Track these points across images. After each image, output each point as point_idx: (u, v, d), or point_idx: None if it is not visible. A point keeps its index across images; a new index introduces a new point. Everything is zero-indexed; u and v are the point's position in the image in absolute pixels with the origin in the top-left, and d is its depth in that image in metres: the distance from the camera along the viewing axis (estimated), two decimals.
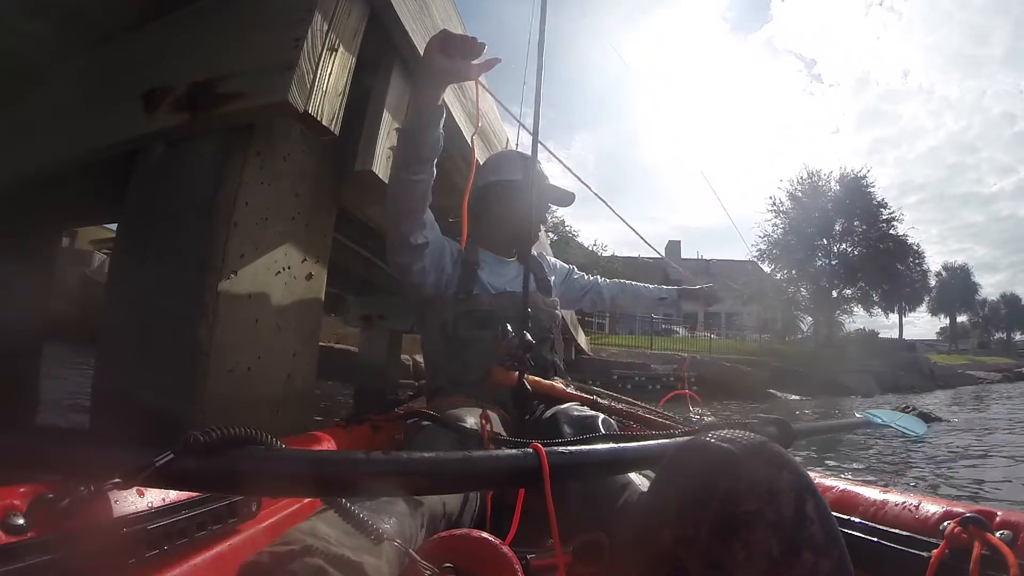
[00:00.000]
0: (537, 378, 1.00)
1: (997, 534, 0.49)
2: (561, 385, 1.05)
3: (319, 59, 0.93)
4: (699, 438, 0.43)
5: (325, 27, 0.94)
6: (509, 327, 0.94)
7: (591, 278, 1.58)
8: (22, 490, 0.44)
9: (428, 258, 1.09)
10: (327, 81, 0.95)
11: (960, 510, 0.54)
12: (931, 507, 0.57)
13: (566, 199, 1.31)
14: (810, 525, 0.37)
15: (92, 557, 0.44)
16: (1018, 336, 42.77)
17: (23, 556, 0.40)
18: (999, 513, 0.52)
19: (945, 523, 0.53)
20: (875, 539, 0.58)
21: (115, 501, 0.48)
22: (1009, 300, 42.76)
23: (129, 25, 1.22)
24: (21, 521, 0.42)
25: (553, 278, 1.38)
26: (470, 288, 1.14)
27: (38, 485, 0.45)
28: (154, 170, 1.04)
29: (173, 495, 0.55)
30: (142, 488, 0.51)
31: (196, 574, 0.55)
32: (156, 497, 0.53)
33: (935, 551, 0.51)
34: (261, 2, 1.01)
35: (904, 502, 0.60)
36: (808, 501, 0.38)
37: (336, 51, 0.98)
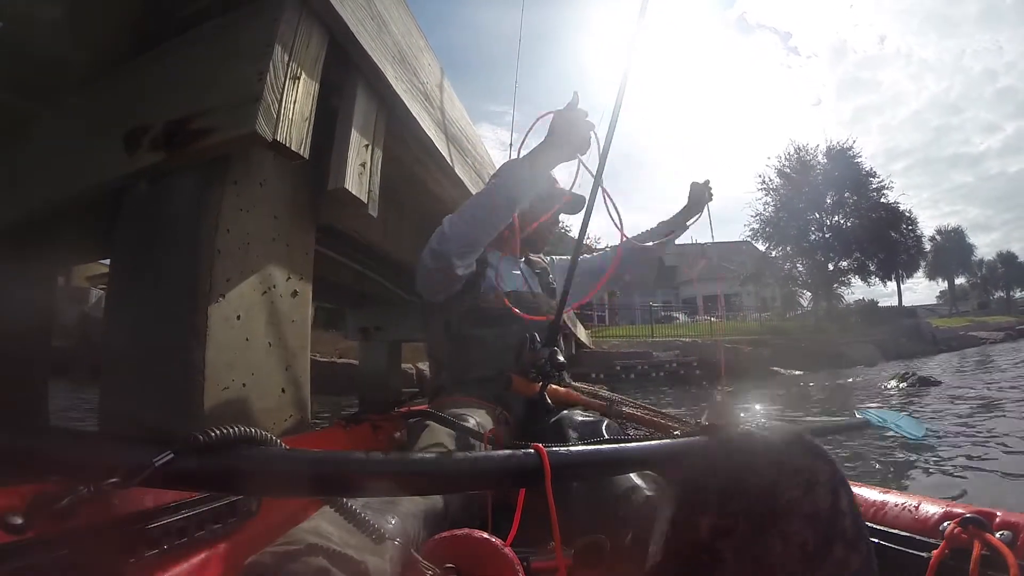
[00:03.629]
0: (556, 387, 1.00)
1: (997, 534, 0.49)
2: (577, 393, 1.04)
3: (283, 89, 0.99)
4: (740, 429, 0.43)
5: (286, 58, 1.00)
6: (537, 337, 0.93)
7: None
8: (22, 490, 0.44)
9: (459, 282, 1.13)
10: (292, 109, 1.01)
11: (960, 510, 0.54)
12: (931, 507, 0.57)
13: (578, 204, 1.29)
14: (843, 519, 0.37)
15: (92, 557, 0.44)
16: (1018, 293, 42.91)
17: (22, 556, 0.40)
18: (999, 513, 0.53)
19: (945, 523, 0.53)
20: (875, 539, 0.57)
21: (115, 501, 0.48)
22: (1006, 258, 42.84)
23: (105, 68, 1.28)
24: (20, 521, 0.42)
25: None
26: (477, 286, 1.16)
27: (38, 485, 0.44)
28: (139, 206, 1.10)
29: (173, 495, 0.54)
30: (142, 488, 0.50)
31: (196, 574, 0.55)
32: (156, 497, 0.53)
33: (935, 551, 0.51)
34: (226, 39, 1.07)
35: (904, 502, 0.60)
36: (842, 495, 0.38)
37: (299, 79, 1.04)
